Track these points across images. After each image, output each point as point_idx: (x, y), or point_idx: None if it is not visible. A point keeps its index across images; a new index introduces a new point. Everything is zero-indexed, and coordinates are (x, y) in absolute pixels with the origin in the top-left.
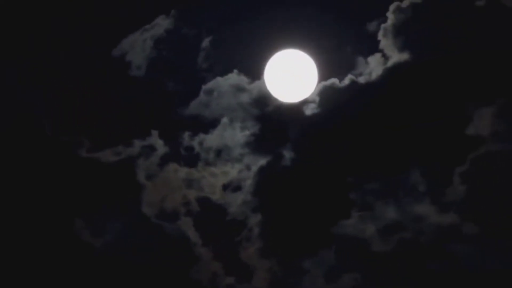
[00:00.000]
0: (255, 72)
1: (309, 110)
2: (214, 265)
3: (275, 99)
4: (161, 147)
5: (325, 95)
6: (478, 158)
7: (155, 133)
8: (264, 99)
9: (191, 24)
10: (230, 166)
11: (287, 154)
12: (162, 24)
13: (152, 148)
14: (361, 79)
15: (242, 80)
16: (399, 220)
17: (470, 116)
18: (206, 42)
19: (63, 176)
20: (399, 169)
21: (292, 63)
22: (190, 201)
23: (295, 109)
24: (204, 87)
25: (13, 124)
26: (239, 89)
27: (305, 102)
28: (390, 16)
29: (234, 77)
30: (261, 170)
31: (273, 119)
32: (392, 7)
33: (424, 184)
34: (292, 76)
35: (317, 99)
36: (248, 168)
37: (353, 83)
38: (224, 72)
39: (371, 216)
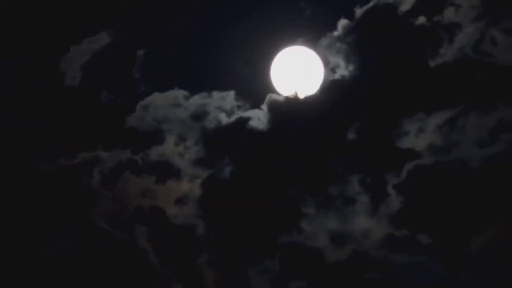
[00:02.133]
0: (195, 86)
1: (253, 123)
2: (164, 272)
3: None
4: (107, 160)
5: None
6: (414, 170)
7: (100, 145)
8: (204, 114)
9: (131, 39)
10: (177, 179)
11: (231, 167)
12: (104, 38)
13: (98, 160)
14: (305, 92)
15: (182, 94)
16: (339, 230)
17: (407, 129)
18: (147, 57)
19: (12, 188)
20: (338, 181)
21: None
22: (142, 212)
23: (240, 123)
24: (141, 102)
25: None
26: (177, 104)
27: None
28: (337, 33)
29: (174, 93)
30: (207, 183)
31: (215, 133)
32: (340, 24)
33: (362, 195)
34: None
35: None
36: (194, 181)
37: (296, 94)
38: (164, 87)
39: (313, 226)
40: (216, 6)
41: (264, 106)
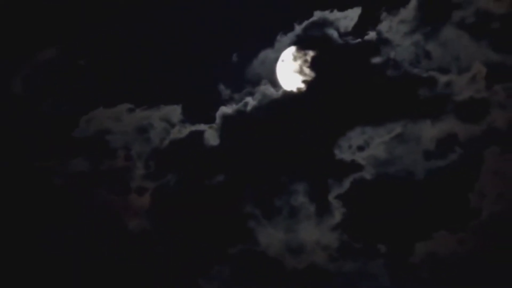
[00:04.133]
0: (142, 100)
1: (202, 136)
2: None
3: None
4: (59, 172)
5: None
6: (356, 182)
7: (49, 157)
8: (151, 127)
9: (79, 52)
10: (128, 191)
11: (181, 180)
12: (54, 51)
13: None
14: (251, 105)
15: (127, 108)
16: (286, 240)
17: (351, 143)
18: (94, 70)
19: None
20: (284, 193)
21: None
22: (94, 222)
23: (189, 137)
24: (86, 116)
25: None
26: (123, 118)
27: None
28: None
29: (120, 107)
30: (156, 195)
31: (165, 147)
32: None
33: (307, 206)
34: None
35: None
36: (144, 193)
37: (245, 107)
38: (110, 101)
39: (263, 236)
40: (162, 23)
41: (213, 120)
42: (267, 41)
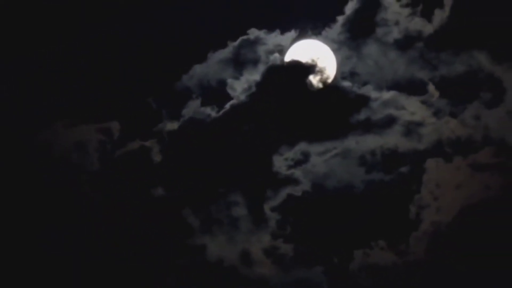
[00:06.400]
0: (80, 115)
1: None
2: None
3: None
4: None
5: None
6: (292, 194)
7: None
8: (89, 144)
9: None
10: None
11: (121, 192)
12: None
13: None
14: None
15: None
16: (227, 250)
17: (287, 157)
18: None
19: None
20: (223, 204)
21: None
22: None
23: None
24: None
25: None
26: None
27: None
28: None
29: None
30: (101, 209)
31: (108, 162)
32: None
33: (244, 217)
34: None
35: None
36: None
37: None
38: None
39: (209, 245)
40: (93, 40)
41: (151, 135)
42: (199, 56)
